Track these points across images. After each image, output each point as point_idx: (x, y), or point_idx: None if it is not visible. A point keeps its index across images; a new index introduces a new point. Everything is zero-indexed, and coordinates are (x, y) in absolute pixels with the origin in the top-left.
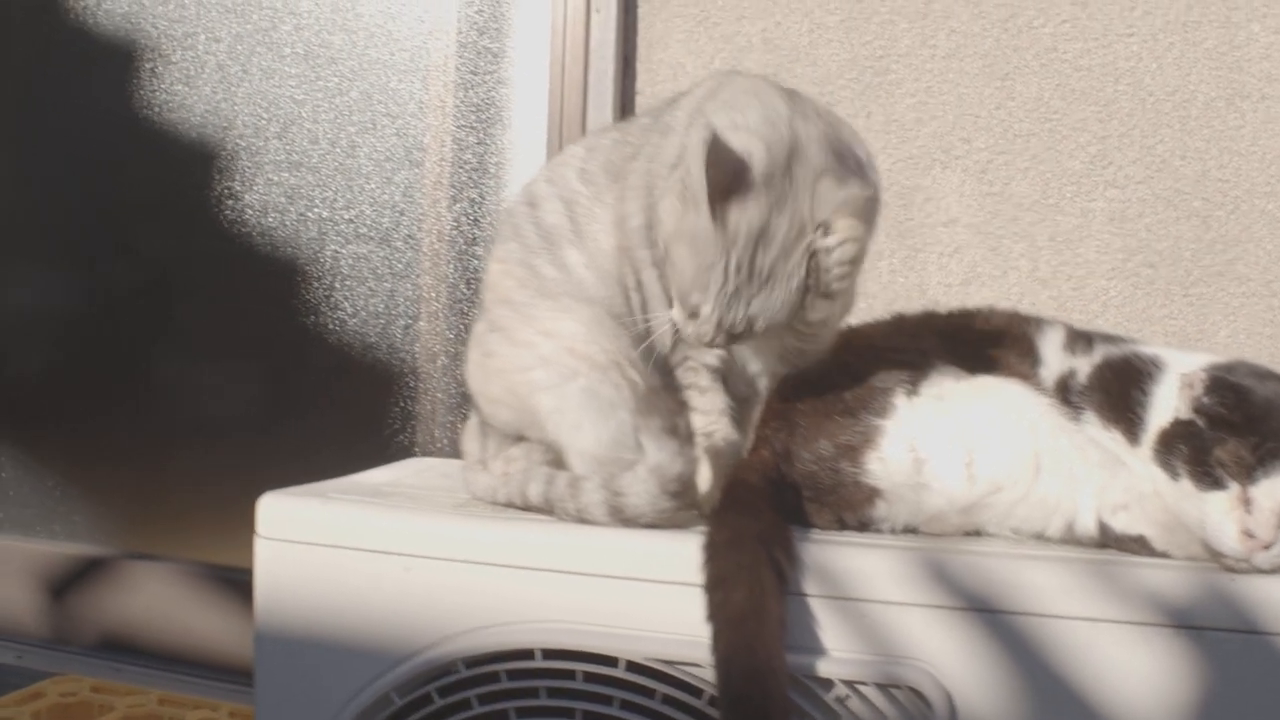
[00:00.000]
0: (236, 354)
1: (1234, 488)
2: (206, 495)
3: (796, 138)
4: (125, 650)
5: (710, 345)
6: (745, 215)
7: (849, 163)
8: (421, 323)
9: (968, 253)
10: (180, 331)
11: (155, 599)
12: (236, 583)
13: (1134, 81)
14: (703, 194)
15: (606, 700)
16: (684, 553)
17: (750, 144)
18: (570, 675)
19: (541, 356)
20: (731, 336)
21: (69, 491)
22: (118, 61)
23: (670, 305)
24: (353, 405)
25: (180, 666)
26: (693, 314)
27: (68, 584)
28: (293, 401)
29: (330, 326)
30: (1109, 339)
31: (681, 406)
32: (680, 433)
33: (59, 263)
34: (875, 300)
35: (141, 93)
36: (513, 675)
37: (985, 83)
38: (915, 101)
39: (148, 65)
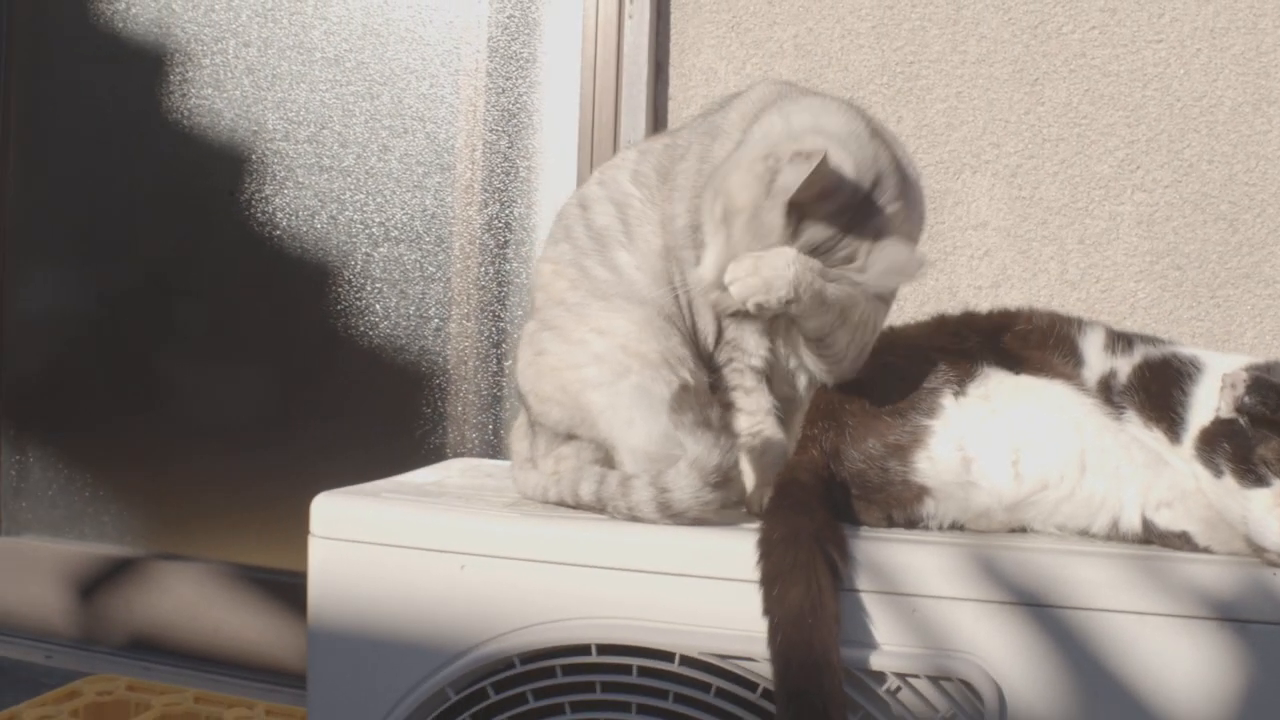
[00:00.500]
0: (267, 356)
1: (1277, 484)
2: (236, 496)
3: (879, 162)
4: (154, 650)
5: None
6: (816, 229)
7: (906, 186)
8: (452, 324)
9: (998, 255)
10: (212, 334)
11: (184, 599)
12: (266, 582)
13: (1162, 87)
14: (786, 194)
15: (662, 694)
16: (737, 549)
17: (842, 159)
18: (625, 670)
19: (595, 354)
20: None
21: (98, 493)
22: (149, 66)
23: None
24: (384, 406)
25: (209, 665)
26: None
27: (97, 584)
28: (324, 403)
29: (362, 329)
30: (1148, 340)
31: (721, 404)
32: (714, 425)
33: (91, 265)
34: (907, 302)
35: (173, 97)
36: (568, 670)
37: (1015, 88)
38: (946, 106)
39: (179, 70)
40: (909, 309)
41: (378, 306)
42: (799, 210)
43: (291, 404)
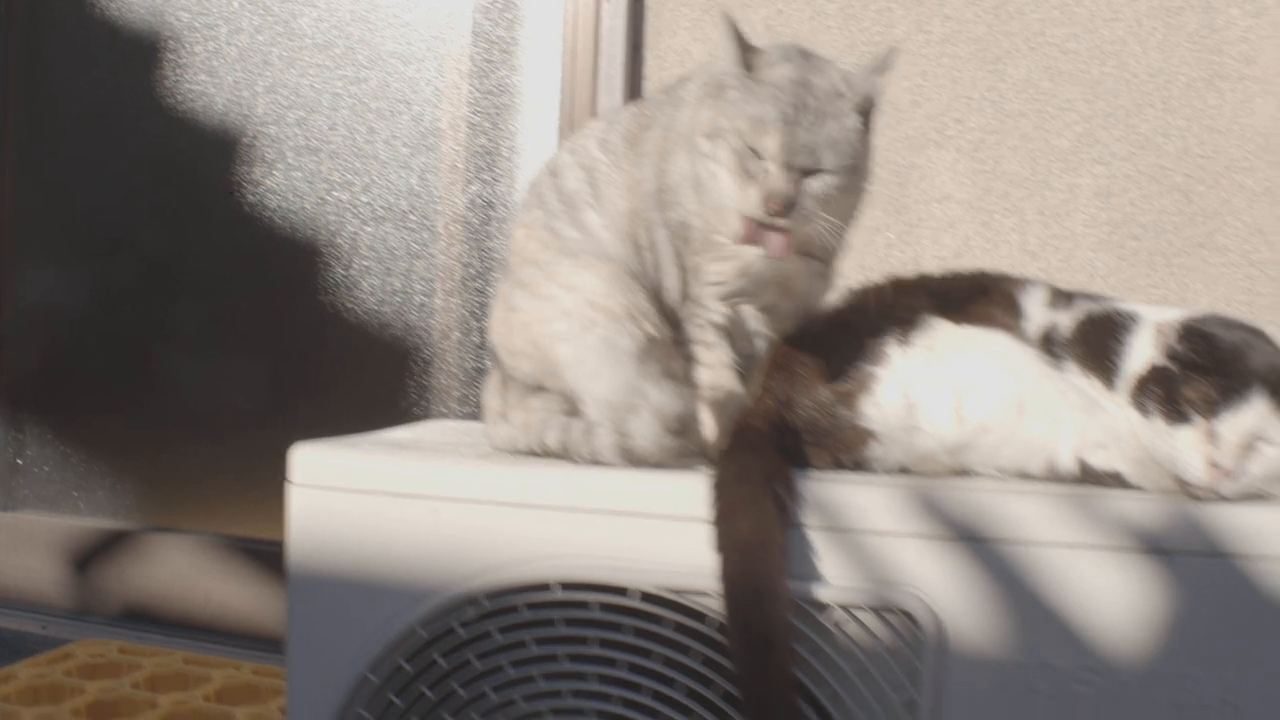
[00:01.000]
0: (257, 333)
1: (1200, 423)
2: (227, 471)
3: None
4: (147, 619)
5: (779, 195)
6: (778, 70)
7: None
8: (437, 300)
9: (961, 227)
10: (203, 314)
11: (176, 570)
12: (256, 553)
13: (1119, 64)
14: (735, 55)
15: (619, 628)
16: (692, 489)
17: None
18: (586, 606)
19: (563, 309)
20: (801, 172)
21: (93, 469)
22: (144, 52)
23: (677, 266)
24: (370, 380)
25: (200, 634)
26: (756, 174)
27: (91, 557)
28: (312, 378)
29: (349, 305)
30: (1090, 297)
31: (684, 358)
32: (677, 375)
33: (85, 251)
34: (872, 273)
35: (166, 82)
36: (532, 607)
37: (977, 66)
38: (911, 84)
39: (172, 56)
40: (875, 280)
41: (365, 284)
42: (753, 63)
43: (281, 381)
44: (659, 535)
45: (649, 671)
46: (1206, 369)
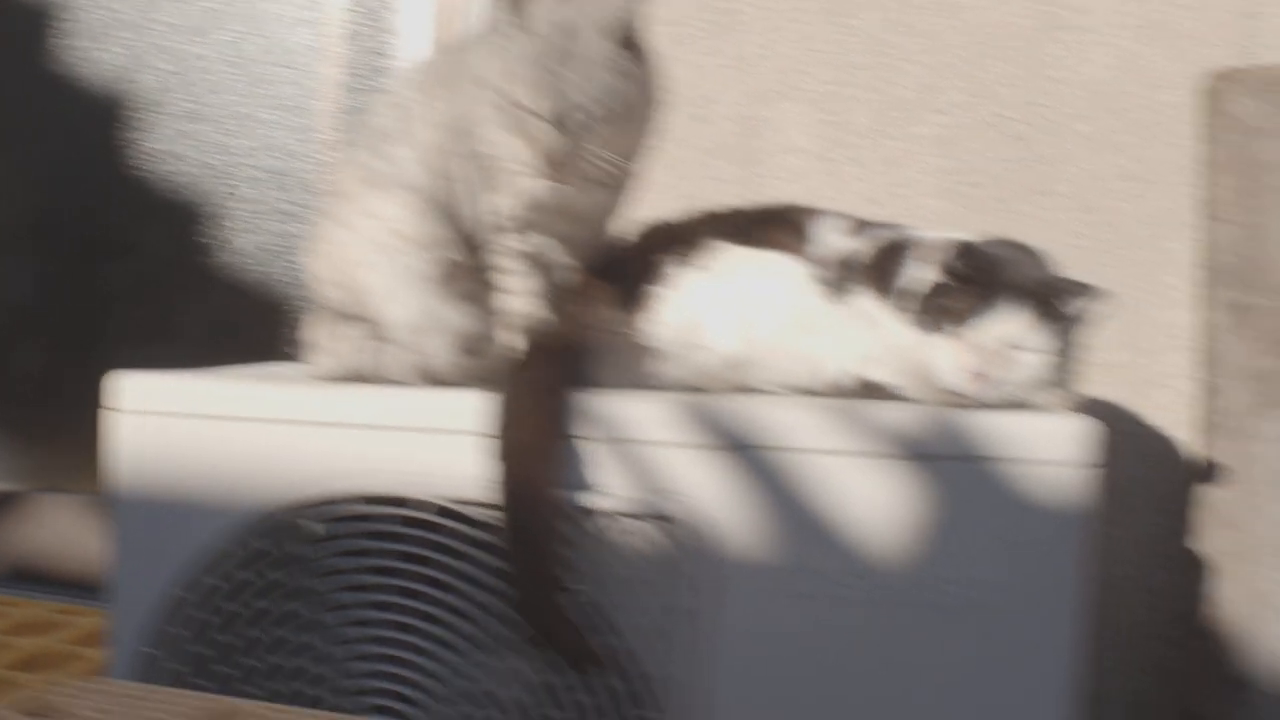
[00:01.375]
0: (133, 295)
1: (962, 332)
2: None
3: None
4: (35, 579)
5: (543, 147)
6: (539, 12)
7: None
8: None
9: (808, 178)
10: (81, 274)
11: (61, 530)
12: None
13: (960, 16)
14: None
15: (412, 540)
16: (481, 405)
17: None
18: (387, 519)
19: (368, 237)
20: (563, 121)
21: None
22: (32, 21)
23: (478, 197)
24: (247, 337)
25: (85, 592)
26: (521, 126)
27: None
28: (190, 336)
29: (226, 264)
30: (885, 226)
31: (485, 283)
32: (477, 299)
33: None
34: None
35: (53, 50)
36: (333, 521)
37: (825, 21)
38: (762, 40)
39: (59, 24)
40: None
41: (241, 243)
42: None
43: (157, 340)
44: (453, 451)
45: (443, 584)
46: (972, 282)
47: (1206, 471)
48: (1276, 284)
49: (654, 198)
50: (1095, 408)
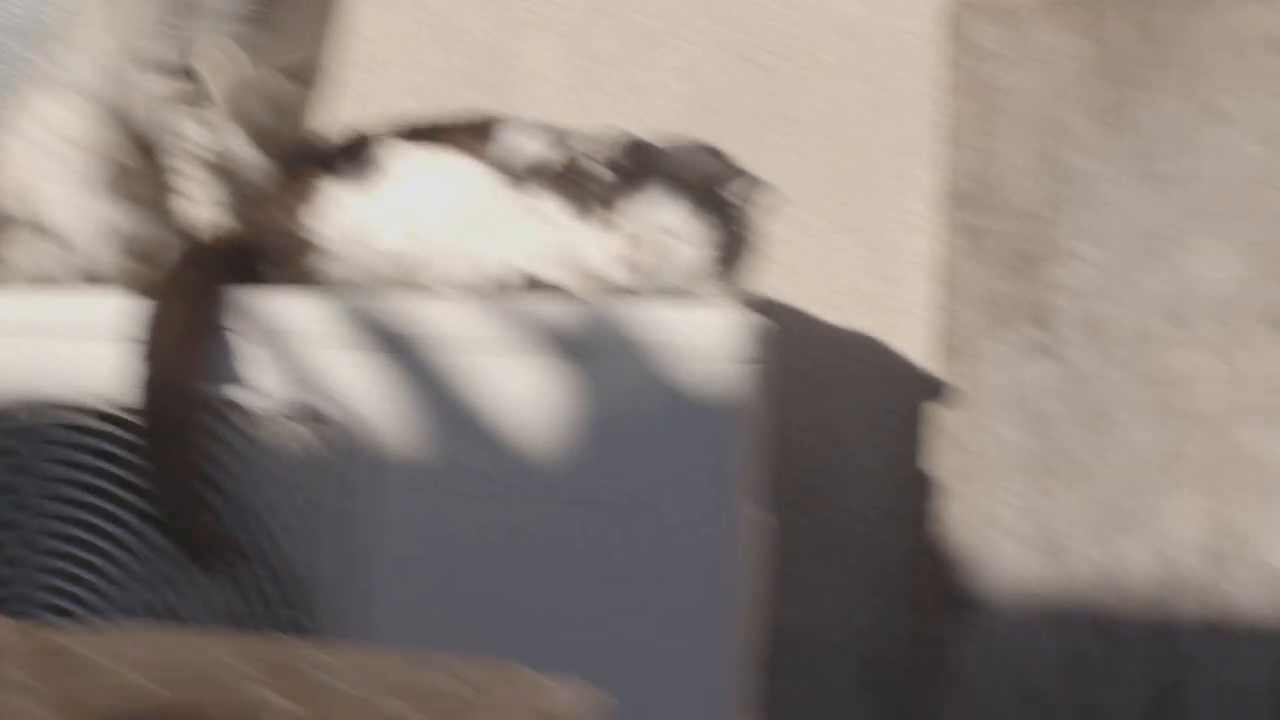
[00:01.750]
0: None
1: (620, 223)
2: None
3: None
4: None
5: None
6: None
7: None
8: None
9: (554, 105)
10: None
11: None
12: None
13: None
14: None
15: (83, 448)
16: (130, 307)
17: None
18: (48, 426)
19: (37, 143)
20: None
21: None
22: None
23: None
24: None
25: None
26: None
27: None
28: None
29: None
30: (591, 139)
31: (160, 187)
32: (147, 201)
33: None
34: None
35: None
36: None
37: None
38: None
39: None
40: None
41: None
42: None
43: None
44: (113, 354)
45: (102, 490)
46: (627, 171)
47: (938, 393)
48: (1010, 207)
49: None
50: (771, 306)
